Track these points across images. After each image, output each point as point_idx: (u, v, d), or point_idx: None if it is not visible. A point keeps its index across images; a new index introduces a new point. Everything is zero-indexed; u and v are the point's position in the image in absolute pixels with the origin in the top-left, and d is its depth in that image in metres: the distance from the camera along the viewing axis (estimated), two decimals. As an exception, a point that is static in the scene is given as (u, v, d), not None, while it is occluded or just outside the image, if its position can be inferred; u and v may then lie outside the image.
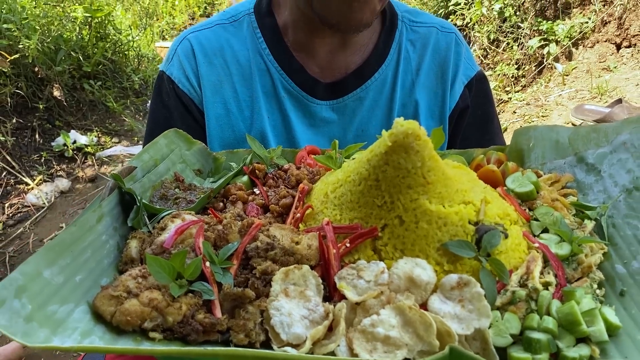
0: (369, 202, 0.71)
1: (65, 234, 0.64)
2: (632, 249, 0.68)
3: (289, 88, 1.13)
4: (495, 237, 0.67)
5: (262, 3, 1.16)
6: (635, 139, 0.75)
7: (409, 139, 0.66)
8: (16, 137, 3.75)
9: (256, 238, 0.69)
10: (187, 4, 8.80)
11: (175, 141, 0.97)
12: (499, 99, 4.53)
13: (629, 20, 3.98)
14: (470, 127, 1.21)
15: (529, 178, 0.84)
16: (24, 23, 3.60)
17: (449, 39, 1.19)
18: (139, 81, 4.74)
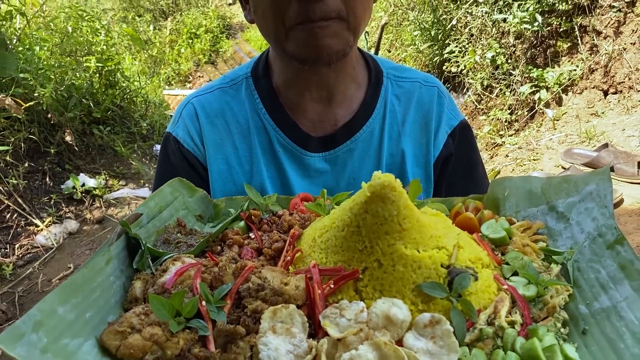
0: (351, 246, 0.76)
1: (77, 275, 0.71)
2: (594, 291, 0.72)
3: (284, 143, 1.22)
4: (465, 280, 0.72)
5: (258, 67, 1.27)
6: (600, 189, 0.81)
7: (385, 190, 0.72)
8: (28, 180, 3.89)
9: (248, 279, 0.74)
10: (192, 52, 9.11)
11: (179, 189, 1.04)
12: (493, 143, 4.69)
13: (614, 69, 4.18)
14: (456, 173, 1.28)
15: (502, 225, 0.90)
16: (40, 73, 3.80)
17: (431, 92, 1.28)
18: (147, 126, 4.91)
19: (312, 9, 0.95)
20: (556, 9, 4.40)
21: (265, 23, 1.05)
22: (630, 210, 3.02)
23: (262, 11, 1.03)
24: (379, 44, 5.69)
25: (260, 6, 1.03)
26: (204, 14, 9.69)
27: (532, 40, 4.66)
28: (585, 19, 4.39)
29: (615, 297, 0.68)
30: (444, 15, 5.54)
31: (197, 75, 8.99)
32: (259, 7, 1.04)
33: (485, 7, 4.78)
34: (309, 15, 0.96)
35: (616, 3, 4.20)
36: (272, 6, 0.99)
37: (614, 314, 0.66)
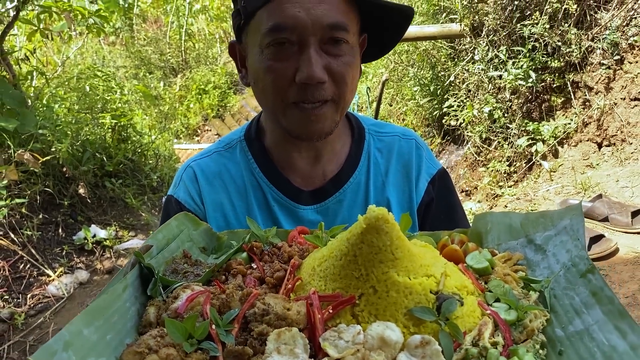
0: (348, 274, 0.82)
1: (98, 300, 0.79)
2: (568, 316, 0.77)
3: (278, 198, 1.31)
4: (452, 304, 0.78)
5: (250, 131, 1.37)
6: (574, 224, 0.89)
7: (379, 222, 0.79)
8: (41, 232, 4.01)
9: (254, 305, 0.79)
10: (201, 106, 9.42)
11: (185, 222, 1.10)
12: (493, 194, 4.81)
13: (606, 122, 4.35)
14: (438, 217, 1.36)
15: (485, 256, 0.95)
16: (58, 129, 4.00)
17: (410, 144, 1.39)
18: (157, 179, 5.08)
19: (310, 92, 1.06)
20: (549, 66, 4.62)
21: (264, 96, 1.14)
22: (625, 259, 3.11)
23: (263, 86, 1.12)
24: (380, 98, 5.92)
25: (261, 82, 1.12)
26: (213, 70, 10.05)
27: (527, 95, 4.87)
28: (577, 75, 4.60)
29: (587, 320, 0.74)
30: (442, 72, 5.79)
31: (205, 129, 9.26)
32: (260, 82, 1.12)
33: (481, 64, 5.01)
34: (307, 97, 1.07)
35: (605, 61, 4.43)
36: (273, 84, 1.08)
37: (586, 336, 0.72)
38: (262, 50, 1.07)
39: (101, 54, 8.62)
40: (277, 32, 1.03)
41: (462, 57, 5.44)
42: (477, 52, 5.06)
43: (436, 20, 5.73)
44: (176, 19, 10.47)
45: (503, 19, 4.85)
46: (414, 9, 1.19)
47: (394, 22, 1.19)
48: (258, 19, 1.06)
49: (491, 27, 4.92)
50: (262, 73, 1.09)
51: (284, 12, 1.02)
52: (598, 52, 4.48)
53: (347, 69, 1.09)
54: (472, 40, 5.15)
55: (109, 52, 9.18)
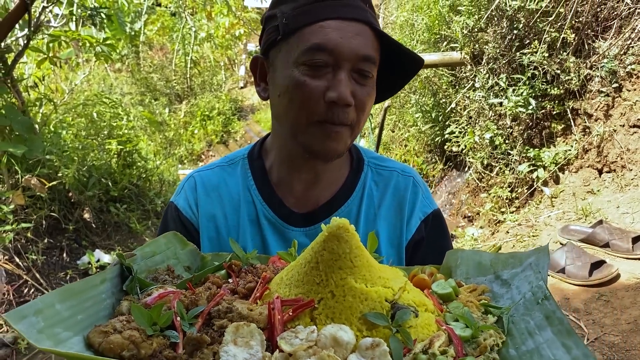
0: (310, 280, 0.86)
1: (74, 284, 0.85)
2: (522, 337, 0.82)
3: (269, 217, 1.35)
4: (406, 314, 0.82)
5: (254, 150, 1.43)
6: (539, 261, 0.95)
7: (340, 231, 0.84)
8: (46, 256, 4.05)
9: (219, 303, 0.84)
10: (205, 132, 9.53)
11: (173, 241, 1.15)
12: (495, 220, 4.84)
13: (606, 149, 4.39)
14: (427, 257, 1.37)
15: (449, 283, 1.00)
16: (65, 155, 4.06)
17: (407, 181, 1.41)
18: (161, 204, 5.13)
19: (336, 113, 1.12)
20: (549, 93, 4.70)
21: (288, 111, 1.18)
22: (626, 285, 3.12)
23: (290, 100, 1.16)
24: (383, 124, 5.99)
25: (288, 95, 1.16)
26: (217, 97, 10.20)
27: (527, 122, 4.93)
28: (576, 102, 4.67)
29: (538, 340, 0.79)
30: (444, 99, 5.88)
31: (209, 154, 9.34)
32: (287, 95, 1.16)
33: (482, 91, 5.09)
34: (333, 117, 1.12)
35: (604, 88, 4.50)
36: (301, 100, 1.13)
37: (536, 353, 0.77)
38: (296, 66, 1.13)
39: (108, 81, 8.76)
40: (317, 52, 1.10)
41: (463, 85, 5.53)
42: (477, 79, 5.15)
43: (437, 48, 5.84)
44: (182, 47, 10.65)
45: (503, 48, 4.94)
46: (423, 60, 1.27)
47: (405, 69, 1.28)
48: (297, 37, 1.13)
49: (491, 56, 5.02)
50: (292, 87, 1.14)
51: (327, 35, 1.09)
52: (597, 80, 4.56)
53: (368, 99, 1.17)
54: (472, 68, 5.24)
55: (115, 79, 9.33)
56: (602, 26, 4.68)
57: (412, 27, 6.34)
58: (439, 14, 5.69)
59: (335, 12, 1.11)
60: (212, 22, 11.35)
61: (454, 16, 5.41)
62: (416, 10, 6.26)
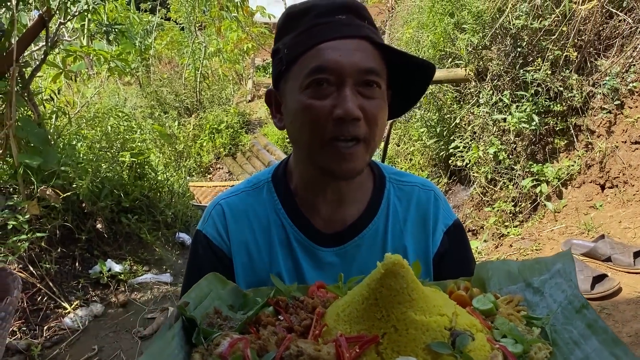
0: (371, 316, 0.89)
1: (154, 345, 0.89)
2: (569, 347, 0.85)
3: (299, 239, 1.35)
4: (465, 339, 0.85)
5: (278, 172, 1.42)
6: (566, 267, 0.99)
7: (396, 267, 0.88)
8: (59, 265, 4.14)
9: (288, 348, 0.85)
10: (213, 145, 9.67)
11: (213, 282, 1.17)
12: (499, 234, 4.90)
13: (609, 165, 4.47)
14: (452, 269, 1.37)
15: (489, 299, 1.02)
16: (80, 166, 4.18)
17: (428, 195, 1.42)
18: (171, 215, 5.23)
19: (346, 128, 1.13)
20: (552, 109, 4.79)
21: (302, 134, 1.20)
22: (628, 298, 3.18)
23: (301, 124, 1.18)
24: (388, 139, 6.09)
25: (299, 119, 1.18)
26: (225, 110, 10.34)
27: (531, 138, 5.02)
28: (579, 119, 4.76)
29: (586, 350, 0.82)
30: (448, 115, 5.98)
31: (217, 167, 9.47)
32: (298, 119, 1.18)
33: (486, 107, 5.19)
34: (343, 132, 1.13)
35: (606, 105, 4.59)
36: (311, 121, 1.15)
37: None
38: (302, 90, 1.15)
39: (121, 96, 8.93)
40: (318, 73, 1.11)
41: (467, 101, 5.63)
42: (481, 95, 5.25)
43: (442, 65, 5.95)
44: (192, 61, 10.83)
45: (506, 65, 5.05)
46: (435, 66, 1.26)
47: (416, 80, 1.28)
48: (300, 64, 1.15)
49: (495, 72, 5.12)
50: (301, 111, 1.16)
51: (326, 56, 1.11)
52: (599, 97, 4.65)
53: (378, 111, 1.17)
54: (477, 85, 5.35)
55: (125, 92, 9.50)
56: (604, 44, 4.78)
57: (418, 44, 6.46)
58: (444, 32, 5.81)
59: (332, 32, 1.13)
60: (221, 36, 11.55)
61: (459, 34, 5.53)
62: (421, 28, 6.39)
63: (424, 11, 6.32)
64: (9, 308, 2.84)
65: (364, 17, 1.18)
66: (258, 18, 11.78)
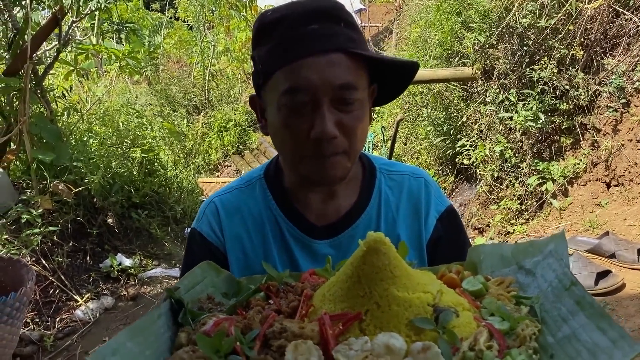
0: (354, 294, 0.90)
1: (138, 322, 0.90)
2: (557, 324, 0.85)
3: (293, 232, 1.37)
4: (449, 315, 0.85)
5: (270, 169, 1.44)
6: (558, 248, 0.98)
7: (377, 244, 0.88)
8: (71, 259, 4.22)
9: (272, 325, 0.87)
10: (222, 143, 9.74)
11: (207, 270, 1.18)
12: (505, 231, 4.94)
13: (614, 163, 4.49)
14: (447, 255, 1.36)
15: (478, 280, 1.02)
16: (91, 162, 4.26)
17: (419, 182, 1.43)
18: (180, 211, 5.30)
19: (324, 146, 1.14)
20: (558, 108, 4.82)
21: (282, 148, 1.24)
22: (632, 294, 3.21)
23: (281, 139, 1.21)
24: (395, 137, 6.13)
25: (279, 135, 1.21)
26: (234, 109, 10.41)
27: (537, 136, 5.05)
28: (585, 117, 4.78)
29: (573, 325, 0.82)
30: (455, 113, 6.01)
31: (225, 164, 9.56)
32: (278, 135, 1.21)
33: (492, 106, 5.22)
34: (321, 151, 1.15)
35: (612, 104, 4.61)
36: (290, 139, 1.17)
37: (573, 338, 0.80)
38: (279, 108, 1.15)
39: (131, 93, 9.03)
40: (292, 94, 1.11)
41: (474, 99, 5.66)
42: (488, 94, 5.28)
43: (449, 63, 5.99)
44: (200, 60, 10.92)
45: (513, 64, 5.08)
46: (419, 64, 1.27)
47: (400, 74, 1.28)
48: (275, 80, 1.14)
49: (502, 71, 5.16)
50: (280, 129, 1.18)
51: (299, 75, 1.09)
52: (605, 95, 4.67)
53: (356, 123, 1.15)
54: (483, 83, 5.38)
55: (134, 91, 9.60)
56: (611, 43, 4.80)
57: (425, 43, 6.50)
58: (451, 31, 5.84)
59: (305, 48, 1.09)
60: (229, 36, 11.63)
61: (466, 33, 5.57)
62: (429, 27, 6.43)
63: (432, 10, 6.36)
64: (23, 299, 2.93)
65: (338, 20, 1.14)
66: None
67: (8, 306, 2.81)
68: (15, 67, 4.18)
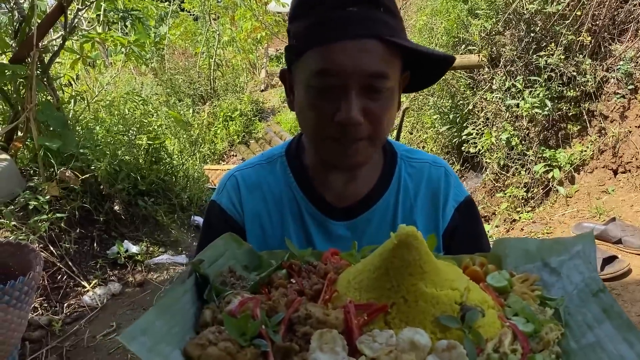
0: (381, 286, 0.89)
1: (165, 300, 0.90)
2: (581, 330, 0.83)
3: (311, 211, 1.37)
4: (475, 315, 0.84)
5: (291, 147, 1.44)
6: (586, 249, 0.96)
7: (409, 239, 0.87)
8: (78, 245, 4.25)
9: (297, 310, 0.86)
10: (227, 133, 9.76)
11: (229, 242, 1.18)
12: (511, 219, 4.93)
13: (621, 150, 4.47)
14: (462, 244, 1.38)
15: (503, 276, 1.00)
16: (97, 149, 4.28)
17: (439, 171, 1.43)
18: (186, 199, 5.32)
19: (347, 131, 1.13)
20: (565, 95, 4.79)
21: (306, 127, 1.23)
22: (637, 280, 3.21)
23: (305, 119, 1.20)
24: (401, 126, 6.11)
25: (304, 114, 1.20)
26: (239, 99, 10.42)
27: (544, 124, 5.02)
28: (592, 104, 4.75)
29: (599, 334, 0.80)
30: (461, 101, 5.98)
31: (231, 154, 9.58)
32: (303, 114, 1.20)
33: (499, 93, 5.20)
34: (344, 135, 1.14)
35: (620, 90, 4.58)
36: (314, 120, 1.17)
37: (598, 347, 0.78)
38: (307, 88, 1.14)
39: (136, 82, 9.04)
40: (323, 76, 1.09)
41: (480, 87, 5.63)
42: (494, 81, 5.26)
43: (456, 51, 5.95)
44: (206, 49, 10.91)
45: (519, 50, 5.05)
46: (455, 58, 1.23)
47: (434, 65, 1.25)
48: (307, 58, 1.13)
49: (508, 58, 5.12)
50: (306, 108, 1.17)
51: (331, 58, 1.08)
52: (612, 81, 4.64)
53: (383, 111, 1.14)
54: (490, 71, 5.35)
55: (140, 82, 9.62)
56: (619, 29, 4.76)
57: (431, 31, 6.47)
58: (457, 18, 5.81)
59: (341, 32, 1.07)
60: (234, 26, 11.61)
61: (472, 20, 5.53)
62: (435, 15, 6.39)
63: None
64: (31, 283, 2.95)
65: (378, 4, 1.11)
66: (272, 7, 11.80)
67: (16, 290, 2.83)
68: (21, 55, 4.19)
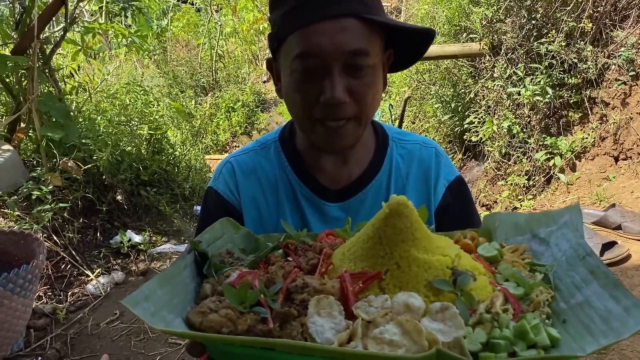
0: (375, 254, 0.91)
1: (167, 271, 0.93)
2: (570, 291, 0.86)
3: (306, 194, 1.41)
4: (466, 278, 0.87)
5: (284, 133, 1.48)
6: (573, 219, 0.98)
7: (400, 207, 0.89)
8: (81, 235, 4.29)
9: (294, 280, 0.90)
10: (230, 124, 9.77)
11: (227, 226, 1.21)
12: (512, 207, 4.93)
13: (623, 136, 4.46)
14: (454, 222, 1.40)
15: (493, 246, 1.03)
16: (99, 139, 4.30)
17: (430, 152, 1.47)
18: (189, 189, 5.35)
19: (332, 111, 1.16)
20: (566, 82, 4.78)
21: (294, 112, 1.26)
22: (637, 265, 3.22)
23: (293, 103, 1.23)
24: (403, 116, 6.11)
25: (291, 99, 1.23)
26: (241, 90, 10.42)
27: (545, 111, 5.01)
28: (593, 91, 4.74)
29: (586, 293, 0.82)
30: (463, 90, 5.97)
31: (234, 145, 9.58)
32: (290, 99, 1.23)
33: (500, 81, 5.19)
34: (330, 115, 1.17)
35: (621, 77, 4.56)
36: (301, 103, 1.19)
37: (586, 305, 0.81)
38: (291, 72, 1.16)
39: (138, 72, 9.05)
40: (304, 59, 1.12)
41: (482, 75, 5.62)
42: (496, 69, 5.24)
43: (457, 39, 5.94)
44: (208, 41, 10.91)
45: (521, 38, 5.03)
46: (435, 30, 1.25)
47: (416, 42, 1.28)
48: (288, 44, 1.15)
49: (509, 46, 5.11)
50: (292, 92, 1.20)
51: (310, 40, 1.10)
52: (614, 68, 4.62)
53: (367, 89, 1.16)
54: (491, 59, 5.34)
55: (142, 74, 9.63)
56: (621, 15, 4.74)
57: (433, 20, 6.45)
58: (458, 6, 5.79)
59: (318, 13, 1.09)
60: (236, 17, 11.59)
61: (474, 8, 5.51)
62: (437, 3, 6.37)
63: (439, -14, 6.30)
64: (35, 271, 2.99)
65: None
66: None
67: (20, 278, 2.87)
68: (23, 46, 4.21)
